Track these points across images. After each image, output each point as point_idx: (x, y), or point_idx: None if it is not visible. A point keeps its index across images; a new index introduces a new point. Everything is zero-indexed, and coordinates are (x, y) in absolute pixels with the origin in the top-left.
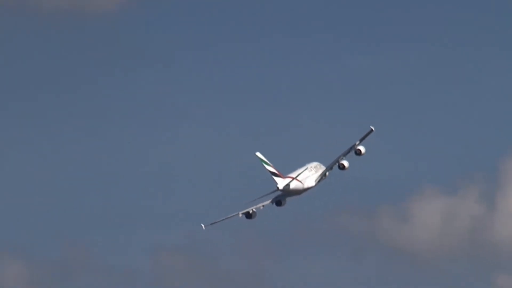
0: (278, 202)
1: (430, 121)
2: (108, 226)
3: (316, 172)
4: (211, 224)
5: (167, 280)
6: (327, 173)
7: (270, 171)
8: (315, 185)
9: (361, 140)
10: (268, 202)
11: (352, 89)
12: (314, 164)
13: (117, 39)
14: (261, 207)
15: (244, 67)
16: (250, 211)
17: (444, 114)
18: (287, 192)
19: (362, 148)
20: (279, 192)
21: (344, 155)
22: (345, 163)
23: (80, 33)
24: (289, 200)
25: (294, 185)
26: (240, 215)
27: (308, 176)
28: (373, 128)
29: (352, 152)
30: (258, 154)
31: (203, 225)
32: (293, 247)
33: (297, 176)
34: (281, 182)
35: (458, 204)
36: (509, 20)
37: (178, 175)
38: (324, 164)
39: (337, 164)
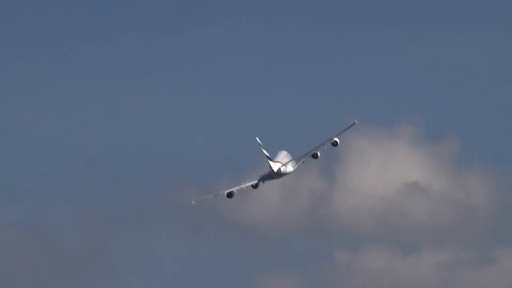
0: (229, 194)
1: None
2: None
3: (287, 160)
4: (199, 201)
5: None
6: (304, 161)
7: (266, 155)
8: (293, 171)
9: (341, 133)
10: (254, 182)
11: None
12: (285, 153)
13: None
14: (244, 188)
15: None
16: (233, 191)
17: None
18: (277, 174)
19: (338, 140)
20: (267, 174)
21: (320, 146)
22: (337, 139)
23: None
24: None
25: (283, 169)
26: (225, 193)
27: (287, 162)
28: (356, 122)
29: (328, 143)
30: (257, 139)
31: (193, 202)
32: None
33: (287, 163)
34: (275, 166)
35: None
36: None
37: None
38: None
39: (331, 141)
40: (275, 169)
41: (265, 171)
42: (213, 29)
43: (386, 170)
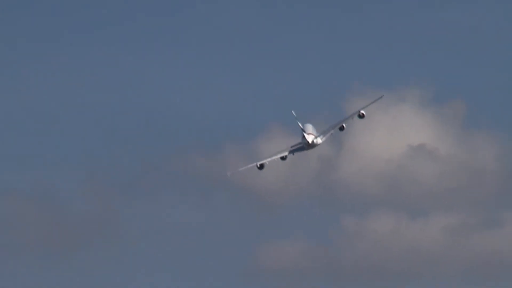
0: (261, 166)
1: None
2: None
3: (315, 132)
4: (233, 172)
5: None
6: (332, 132)
7: (301, 127)
8: (321, 143)
9: (368, 105)
10: (285, 153)
11: None
12: (311, 126)
13: None
14: (276, 159)
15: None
16: (265, 163)
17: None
18: (310, 146)
19: (365, 112)
20: (302, 146)
21: (348, 118)
22: (364, 112)
23: None
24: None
25: (316, 140)
26: (258, 165)
27: (319, 135)
28: (383, 95)
29: (355, 116)
30: (293, 112)
31: (228, 173)
32: (142, 189)
33: (318, 135)
34: (310, 138)
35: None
36: None
37: None
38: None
39: (357, 114)
40: (309, 140)
41: (294, 142)
42: None
43: (392, 134)
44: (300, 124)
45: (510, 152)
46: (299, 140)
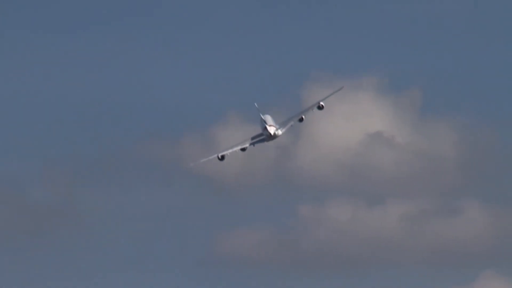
0: (222, 157)
1: None
2: None
3: (275, 123)
4: (195, 163)
5: None
6: (292, 124)
7: (262, 119)
8: (281, 134)
9: (328, 96)
10: (246, 145)
11: None
12: (270, 116)
13: None
14: (236, 151)
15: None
16: (226, 154)
17: None
18: (272, 138)
19: (324, 104)
20: (263, 137)
21: (308, 109)
22: (323, 103)
23: None
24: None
25: (277, 132)
26: (219, 156)
27: (280, 127)
28: (344, 86)
29: (314, 107)
30: (256, 104)
31: (191, 164)
32: (101, 177)
33: (280, 127)
34: (272, 130)
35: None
36: None
37: None
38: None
39: (317, 105)
40: (272, 132)
41: (254, 133)
42: None
43: (350, 122)
44: (262, 116)
45: (467, 139)
46: (258, 130)
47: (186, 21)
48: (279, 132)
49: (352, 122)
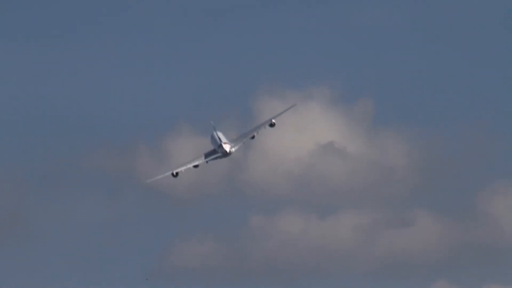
0: (176, 174)
1: None
2: None
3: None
4: (151, 180)
5: None
6: (245, 141)
7: (219, 137)
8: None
9: (280, 114)
10: (200, 161)
11: None
12: (221, 133)
13: None
14: (191, 167)
15: None
16: (179, 171)
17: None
18: (227, 155)
19: (275, 121)
20: (218, 154)
21: (260, 127)
22: (274, 121)
23: None
24: None
25: (232, 150)
26: (174, 173)
27: (234, 145)
28: (296, 104)
29: (266, 125)
30: (211, 122)
31: (147, 181)
32: (52, 188)
33: (236, 144)
34: (227, 147)
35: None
36: None
37: None
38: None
39: (269, 123)
40: (227, 150)
41: (207, 150)
42: None
43: (300, 132)
44: (215, 133)
45: (418, 150)
46: (209, 144)
47: (140, 31)
48: (233, 149)
49: (304, 133)
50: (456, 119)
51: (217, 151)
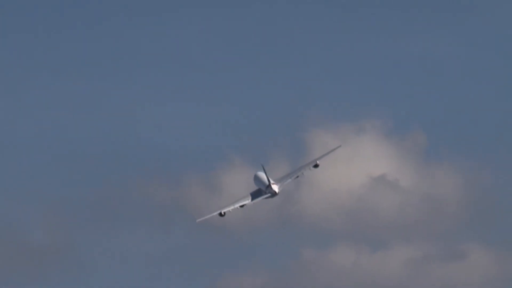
0: (223, 214)
1: None
2: None
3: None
4: (201, 220)
5: None
6: (290, 181)
7: (267, 178)
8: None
9: (325, 155)
10: (247, 201)
11: None
12: (264, 174)
13: None
14: (238, 207)
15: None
16: (226, 211)
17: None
18: (274, 195)
19: (319, 162)
20: (267, 194)
21: (304, 167)
22: (318, 162)
23: None
24: None
25: (280, 189)
26: (222, 213)
27: (282, 184)
28: (341, 145)
29: (311, 166)
30: (262, 165)
31: (197, 220)
32: (104, 219)
33: (283, 184)
34: (276, 188)
35: None
36: None
37: None
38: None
39: (313, 164)
40: (277, 190)
41: (252, 189)
42: (186, 25)
43: (352, 165)
44: (262, 175)
45: (470, 183)
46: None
47: (194, 64)
48: (280, 189)
49: (356, 165)
50: (509, 152)
51: (263, 191)
